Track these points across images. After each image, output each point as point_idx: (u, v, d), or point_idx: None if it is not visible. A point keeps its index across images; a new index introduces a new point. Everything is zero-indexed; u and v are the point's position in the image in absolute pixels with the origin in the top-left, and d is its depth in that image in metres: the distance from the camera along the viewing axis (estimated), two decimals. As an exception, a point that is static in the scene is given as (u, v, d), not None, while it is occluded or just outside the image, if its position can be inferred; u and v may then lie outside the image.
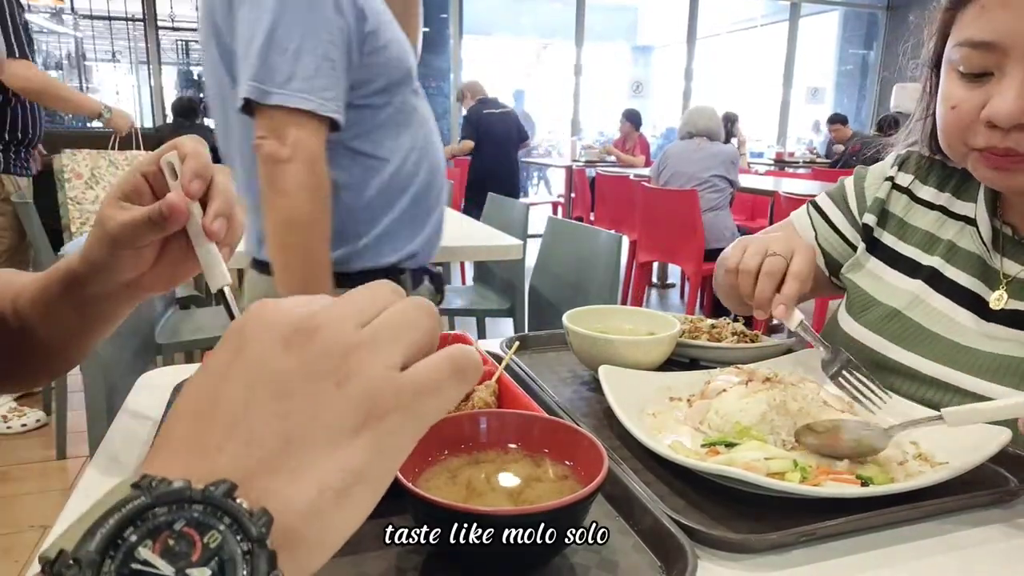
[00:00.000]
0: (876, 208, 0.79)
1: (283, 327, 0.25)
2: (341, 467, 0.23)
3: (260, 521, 0.21)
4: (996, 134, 0.57)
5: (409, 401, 0.25)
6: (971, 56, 0.58)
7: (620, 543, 0.43)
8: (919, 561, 0.44)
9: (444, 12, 7.25)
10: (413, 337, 0.26)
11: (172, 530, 0.20)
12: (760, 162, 6.72)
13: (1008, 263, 0.66)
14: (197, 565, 0.20)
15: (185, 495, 0.21)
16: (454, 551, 0.40)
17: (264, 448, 0.23)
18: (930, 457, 0.53)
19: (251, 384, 0.24)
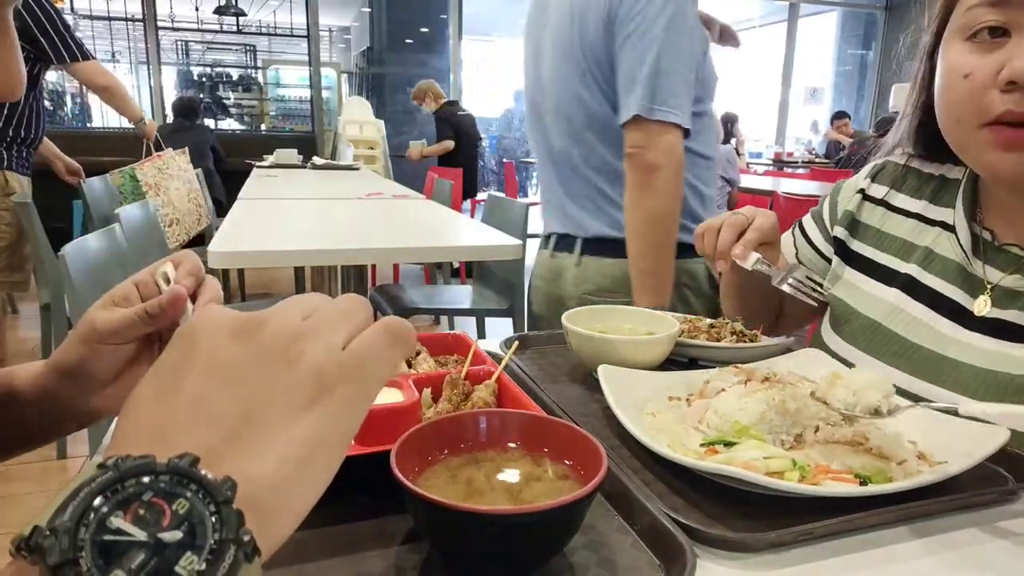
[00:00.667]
0: (846, 220, 0.80)
1: (231, 322, 0.28)
2: (299, 439, 0.25)
3: (225, 486, 0.22)
4: (1016, 97, 0.54)
5: (353, 371, 0.27)
6: (985, 15, 0.55)
7: (619, 542, 0.43)
8: (918, 560, 0.44)
9: (443, 13, 7.25)
10: (351, 322, 0.29)
11: (141, 500, 0.22)
12: (759, 162, 6.73)
13: (990, 270, 0.65)
14: (168, 529, 0.21)
15: (151, 467, 0.22)
16: (454, 550, 0.40)
17: (225, 427, 0.25)
18: (929, 457, 0.53)
19: (206, 372, 0.26)
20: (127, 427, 0.26)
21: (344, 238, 1.65)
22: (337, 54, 10.40)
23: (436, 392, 0.58)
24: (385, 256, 1.67)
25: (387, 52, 8.15)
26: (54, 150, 2.68)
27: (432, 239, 1.80)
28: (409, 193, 2.75)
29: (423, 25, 8.15)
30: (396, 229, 1.89)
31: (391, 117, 6.91)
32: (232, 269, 3.15)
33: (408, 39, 8.18)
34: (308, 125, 6.14)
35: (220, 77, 8.14)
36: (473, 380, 0.59)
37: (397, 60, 8.12)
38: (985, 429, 0.53)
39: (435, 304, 2.42)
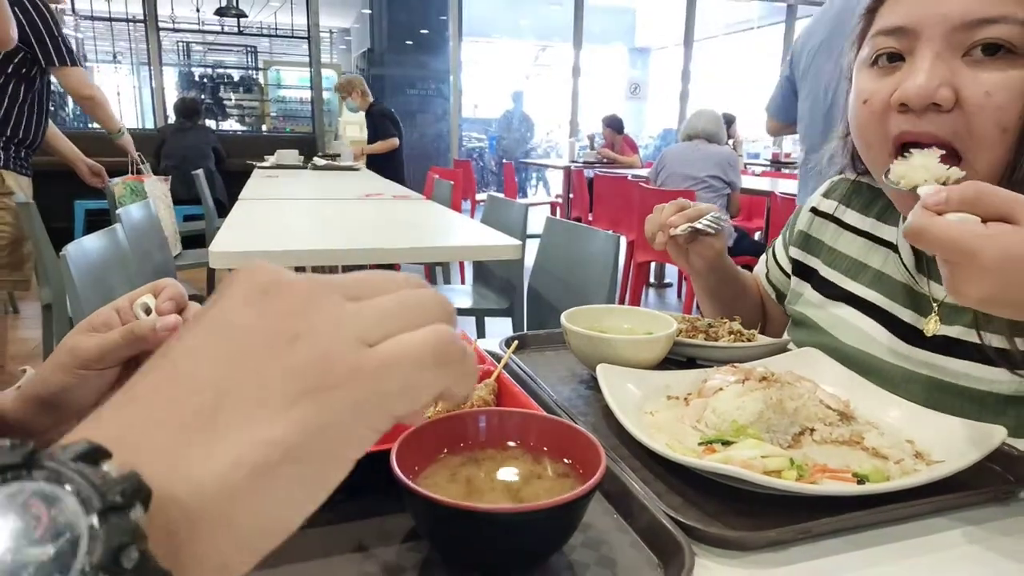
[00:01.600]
0: (799, 240, 0.83)
1: (255, 285, 0.22)
2: (262, 439, 0.19)
3: (118, 487, 0.17)
4: (910, 118, 0.55)
5: (369, 376, 0.21)
6: (885, 42, 0.57)
7: (618, 541, 0.44)
8: (915, 559, 0.44)
9: (443, 14, 7.26)
10: (407, 320, 0.22)
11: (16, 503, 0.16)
12: (756, 163, 6.72)
13: (935, 287, 0.65)
14: (38, 544, 0.16)
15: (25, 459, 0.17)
16: (454, 549, 0.40)
17: (188, 405, 0.20)
18: (926, 455, 0.53)
19: (205, 333, 0.21)
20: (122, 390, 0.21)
21: (344, 238, 1.65)
22: (338, 55, 10.41)
23: (436, 391, 0.58)
24: (385, 256, 1.67)
25: (387, 53, 8.15)
26: (77, 153, 2.66)
27: (432, 239, 1.80)
28: (409, 194, 2.75)
29: (423, 26, 8.16)
30: (396, 229, 1.89)
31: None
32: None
33: (408, 40, 8.18)
34: (309, 126, 6.14)
35: (221, 78, 8.14)
36: (473, 380, 0.59)
37: (397, 61, 8.12)
38: (982, 428, 0.53)
39: (435, 305, 2.41)
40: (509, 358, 0.63)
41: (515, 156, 8.92)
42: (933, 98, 0.53)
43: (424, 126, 8.13)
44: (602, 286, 1.55)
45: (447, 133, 7.29)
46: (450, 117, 7.03)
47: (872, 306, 0.71)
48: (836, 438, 0.53)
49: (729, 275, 0.85)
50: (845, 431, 0.54)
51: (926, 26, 0.54)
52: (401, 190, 2.89)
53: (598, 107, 7.72)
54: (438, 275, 3.33)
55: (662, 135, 10.13)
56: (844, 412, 0.57)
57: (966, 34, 0.53)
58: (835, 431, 0.54)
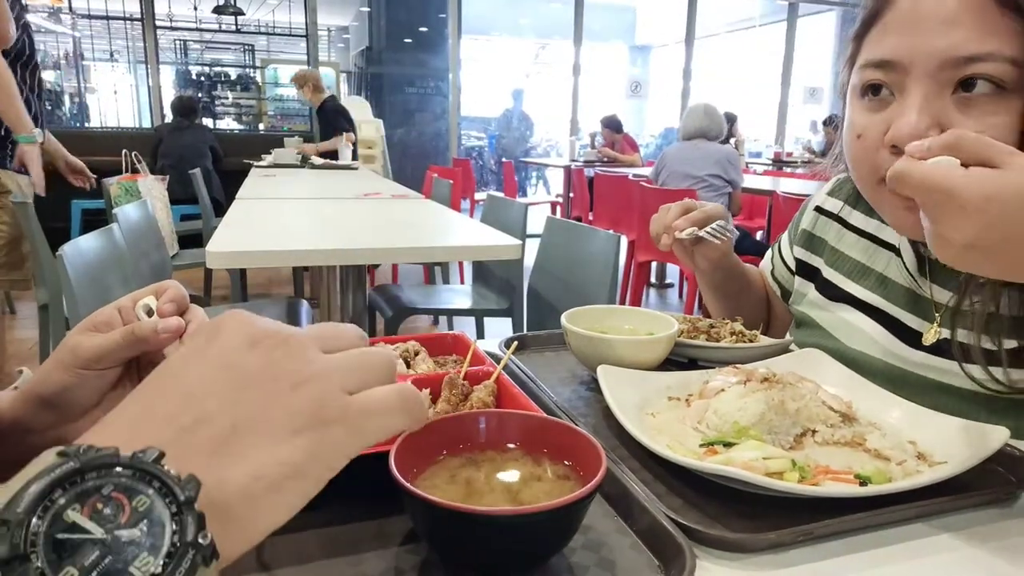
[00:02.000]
0: (802, 239, 0.82)
1: (252, 330, 0.28)
2: (279, 460, 0.25)
3: (188, 486, 0.22)
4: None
5: (354, 417, 0.27)
6: (874, 75, 0.56)
7: (618, 543, 0.43)
8: (918, 560, 0.44)
9: (443, 12, 7.25)
10: (370, 374, 0.29)
11: (101, 494, 0.21)
12: (758, 162, 6.73)
13: (937, 290, 0.65)
14: (126, 527, 0.21)
15: (113, 460, 0.21)
16: (453, 551, 0.40)
17: (211, 428, 0.25)
18: (928, 456, 0.53)
19: (213, 369, 0.26)
20: (119, 410, 0.26)
21: (343, 238, 1.65)
22: (336, 54, 10.40)
23: (435, 393, 0.57)
24: (384, 256, 1.66)
25: (386, 52, 8.14)
26: (60, 149, 2.60)
27: (431, 239, 1.80)
28: (408, 193, 2.74)
29: (422, 24, 8.15)
30: (395, 229, 1.89)
31: (390, 117, 6.90)
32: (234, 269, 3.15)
33: (407, 38, 8.17)
34: (306, 125, 6.14)
35: (218, 76, 8.13)
36: (472, 380, 0.59)
37: (396, 60, 8.11)
38: (985, 429, 0.53)
39: (434, 304, 2.41)
40: (509, 359, 0.63)
41: (515, 155, 8.92)
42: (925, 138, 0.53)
43: (423, 125, 8.12)
44: (603, 286, 1.55)
45: (446, 132, 7.29)
46: (449, 115, 7.02)
47: (875, 309, 0.70)
48: (838, 439, 0.53)
49: (735, 272, 0.85)
50: (847, 432, 0.54)
51: (914, 62, 0.53)
52: (400, 189, 2.88)
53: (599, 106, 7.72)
54: (437, 275, 3.33)
55: (663, 134, 10.14)
56: (846, 413, 0.57)
57: (953, 71, 0.52)
58: (837, 432, 0.54)
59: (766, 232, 3.72)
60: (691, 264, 0.81)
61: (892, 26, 0.55)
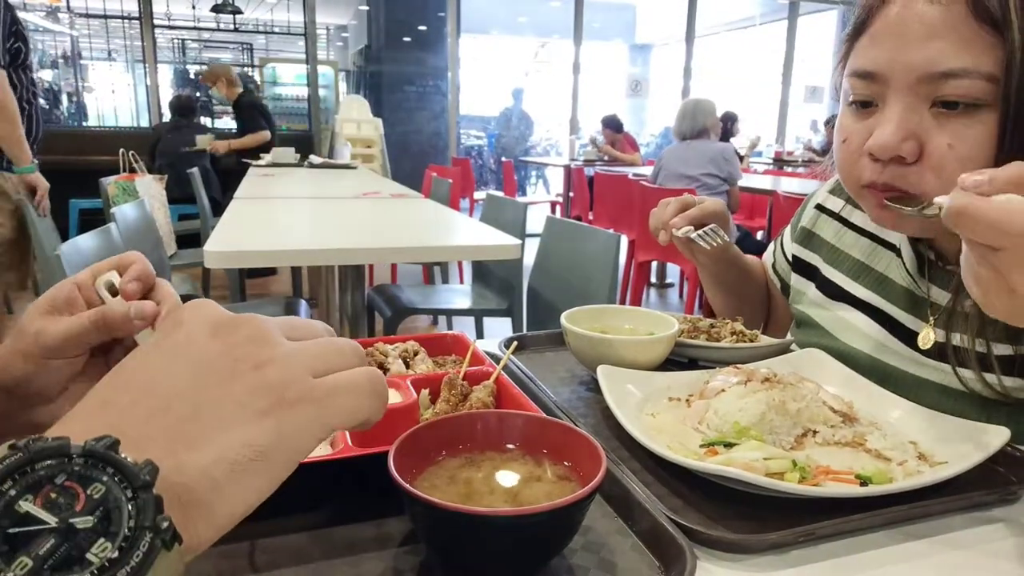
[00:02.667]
0: (801, 236, 0.82)
1: (215, 318, 0.28)
2: (243, 442, 0.25)
3: (145, 470, 0.22)
4: (877, 167, 0.56)
5: (321, 396, 0.27)
6: (857, 85, 0.57)
7: (619, 544, 0.43)
8: (918, 561, 0.44)
9: (442, 11, 7.24)
10: (336, 360, 0.28)
11: (53, 484, 0.21)
12: (759, 161, 6.73)
13: (936, 291, 0.65)
14: (81, 514, 0.20)
15: (64, 450, 0.21)
16: (452, 552, 0.40)
17: (171, 414, 0.24)
18: (929, 457, 0.53)
19: (174, 358, 0.26)
20: (79, 407, 0.26)
21: (341, 237, 1.65)
22: (335, 52, 10.39)
23: (434, 393, 0.57)
24: (383, 256, 1.66)
25: (385, 50, 8.13)
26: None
27: (430, 238, 1.79)
28: (407, 192, 2.74)
29: (421, 23, 8.14)
30: (394, 228, 1.89)
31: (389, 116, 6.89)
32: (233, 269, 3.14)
33: (406, 37, 8.16)
34: (305, 124, 6.13)
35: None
36: (471, 381, 0.58)
37: (395, 58, 8.10)
38: (985, 429, 0.52)
39: (433, 304, 2.41)
40: (508, 359, 0.63)
41: (514, 154, 8.91)
42: (897, 151, 0.54)
43: (422, 123, 8.11)
44: (603, 286, 1.54)
45: (445, 131, 7.29)
46: (448, 114, 7.02)
47: (874, 309, 0.70)
48: (839, 440, 0.53)
49: (736, 263, 0.85)
50: (848, 433, 0.54)
51: (893, 75, 0.54)
52: (399, 188, 2.88)
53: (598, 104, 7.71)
54: (436, 275, 3.33)
55: (663, 133, 10.14)
56: (847, 414, 0.57)
57: (931, 86, 0.53)
58: (838, 433, 0.54)
59: (767, 232, 3.72)
60: (692, 257, 0.82)
61: (877, 37, 0.56)
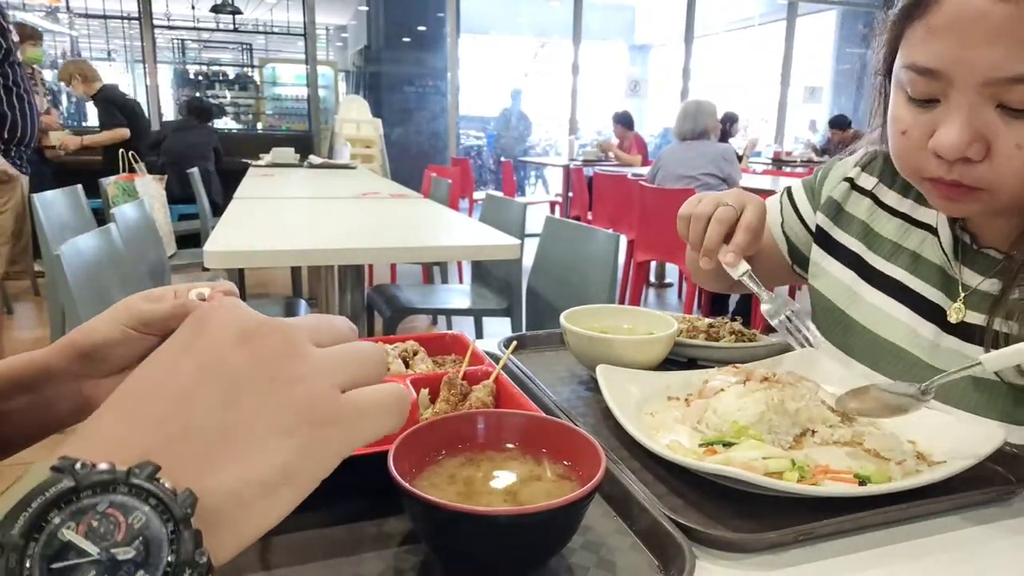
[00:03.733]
0: (829, 208, 0.79)
1: (242, 323, 0.27)
2: (270, 463, 0.25)
3: (185, 502, 0.22)
4: (943, 165, 0.56)
5: (348, 417, 0.27)
6: (917, 81, 0.56)
7: (618, 543, 0.43)
8: (917, 560, 0.44)
9: (441, 11, 7.24)
10: (362, 371, 0.28)
11: (96, 511, 0.21)
12: (758, 161, 6.73)
13: (967, 272, 0.65)
14: (122, 545, 0.20)
15: (109, 479, 0.21)
16: (452, 552, 0.40)
17: (201, 435, 0.24)
18: (928, 456, 0.53)
19: (201, 369, 0.26)
20: (108, 406, 0.25)
21: (341, 237, 1.65)
22: (334, 52, 10.39)
23: (434, 392, 0.57)
24: (382, 256, 1.66)
25: (384, 50, 8.13)
26: None
27: (430, 238, 1.79)
28: (407, 192, 2.74)
29: (420, 23, 8.14)
30: (393, 228, 1.89)
31: (388, 116, 6.89)
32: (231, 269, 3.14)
33: (405, 37, 8.16)
34: (305, 124, 6.13)
35: (216, 75, 8.12)
36: (471, 380, 0.59)
37: (395, 58, 8.10)
38: (983, 428, 0.53)
39: (433, 304, 2.41)
40: (508, 359, 0.63)
41: (513, 154, 8.91)
42: (964, 154, 0.54)
43: (421, 124, 8.11)
44: (602, 286, 1.54)
45: (445, 131, 7.28)
46: (448, 115, 7.02)
47: (903, 288, 0.70)
48: (837, 439, 0.53)
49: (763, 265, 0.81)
50: (846, 432, 0.54)
51: (958, 75, 0.53)
52: (399, 188, 2.88)
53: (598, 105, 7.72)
54: (436, 275, 3.33)
55: (662, 133, 10.14)
56: (845, 413, 0.57)
57: (996, 89, 0.52)
58: (836, 432, 0.54)
59: (765, 231, 3.72)
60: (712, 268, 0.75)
61: (937, 31, 0.54)
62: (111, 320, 0.46)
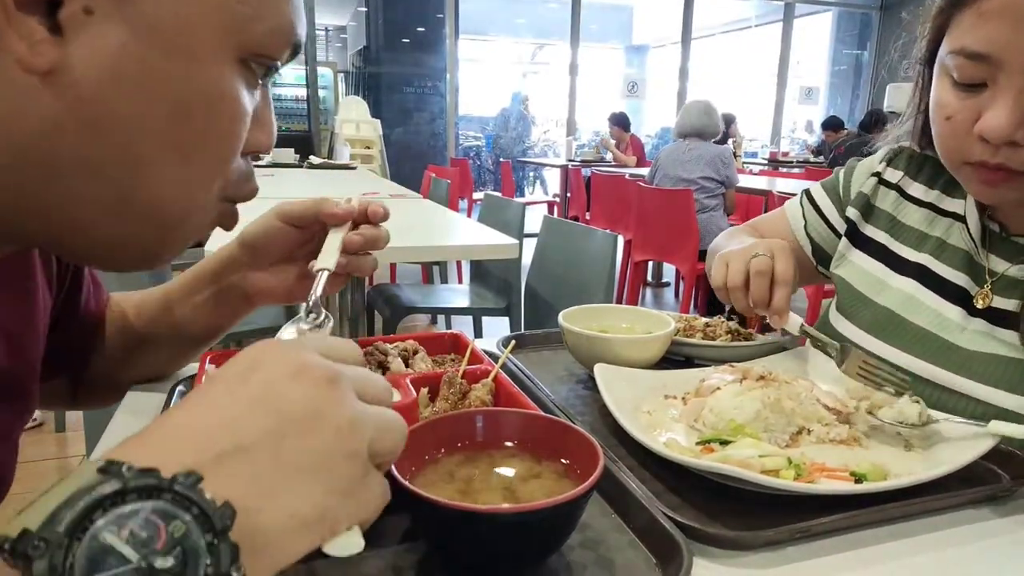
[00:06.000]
0: (860, 203, 0.80)
1: (297, 362, 0.28)
2: (313, 503, 0.26)
3: (225, 514, 0.22)
4: (988, 149, 0.56)
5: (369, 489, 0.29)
6: (965, 66, 0.56)
7: (616, 541, 0.44)
8: (913, 558, 0.44)
9: (440, 12, 7.24)
10: (390, 441, 0.30)
11: (138, 517, 0.21)
12: (754, 162, 6.74)
13: (995, 260, 0.66)
14: (161, 553, 0.21)
15: (154, 485, 0.21)
16: (451, 549, 0.40)
17: (251, 459, 0.25)
18: (924, 454, 0.53)
19: (255, 399, 0.26)
20: (164, 419, 0.26)
21: (340, 237, 1.64)
22: (333, 53, 10.38)
23: (433, 391, 0.58)
24: (382, 255, 1.66)
25: (384, 51, 8.13)
26: None
27: (429, 238, 1.80)
28: (406, 192, 2.74)
29: (419, 24, 8.14)
30: (393, 228, 1.89)
31: (388, 117, 6.89)
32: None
33: (404, 38, 8.16)
34: (304, 124, 6.12)
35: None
36: (470, 379, 0.59)
37: (394, 59, 8.10)
38: (980, 428, 0.53)
39: (432, 303, 2.41)
40: (507, 358, 0.63)
41: (512, 155, 8.91)
42: (1012, 138, 0.54)
43: (421, 124, 8.11)
44: (600, 285, 1.55)
45: (444, 131, 7.29)
46: (447, 115, 7.02)
47: (932, 275, 0.70)
48: (833, 438, 0.54)
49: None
50: (842, 430, 0.54)
51: (1009, 58, 0.53)
52: (398, 189, 2.88)
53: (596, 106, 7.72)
54: (435, 274, 3.33)
55: (660, 134, 10.15)
56: (841, 411, 0.57)
57: None
58: (832, 431, 0.54)
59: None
60: None
61: (989, 16, 0.54)
62: (265, 217, 0.60)
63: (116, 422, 0.62)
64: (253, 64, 0.38)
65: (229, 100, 0.37)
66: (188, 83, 0.35)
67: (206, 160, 0.38)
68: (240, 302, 0.62)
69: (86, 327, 0.61)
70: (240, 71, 0.37)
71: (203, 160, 0.38)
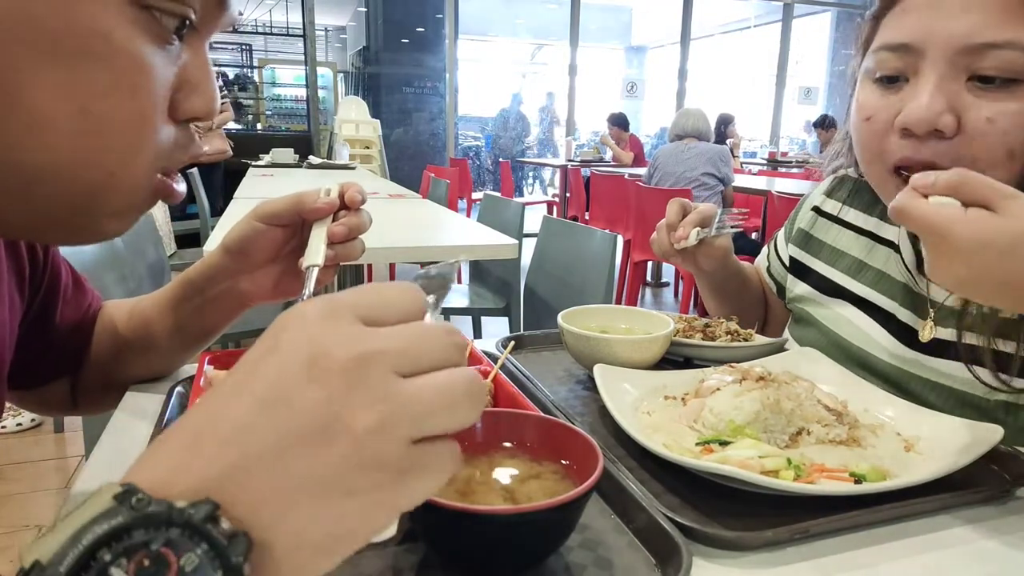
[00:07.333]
0: (798, 238, 0.82)
1: (318, 349, 0.24)
2: (331, 515, 0.23)
3: (238, 548, 0.21)
4: (912, 144, 0.55)
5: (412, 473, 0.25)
6: (887, 59, 0.56)
7: (615, 541, 0.44)
8: (913, 558, 0.44)
9: (439, 12, 7.24)
10: (447, 422, 0.25)
11: (148, 549, 0.20)
12: (753, 162, 6.74)
13: (934, 288, 0.65)
14: None
15: (165, 517, 0.21)
16: (450, 550, 0.40)
17: (260, 474, 0.23)
18: (924, 455, 0.53)
19: (264, 401, 0.23)
20: (176, 425, 0.24)
21: (340, 238, 1.64)
22: (333, 53, 10.39)
23: (432, 392, 0.57)
24: (381, 256, 1.66)
25: (383, 52, 8.13)
26: None
27: (428, 238, 1.80)
28: (405, 192, 2.74)
29: (419, 24, 8.14)
30: (392, 228, 1.89)
31: (387, 117, 6.89)
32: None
33: (404, 39, 8.17)
34: (304, 124, 6.12)
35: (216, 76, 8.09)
36: (469, 380, 0.59)
37: (393, 60, 8.10)
38: (980, 427, 0.53)
39: (431, 304, 2.41)
40: (506, 358, 0.63)
41: (511, 155, 8.91)
42: (935, 125, 0.53)
43: (420, 124, 8.11)
44: (599, 286, 1.55)
45: (443, 131, 7.29)
46: (446, 115, 7.02)
47: (872, 306, 0.70)
48: (833, 438, 0.54)
49: (735, 271, 0.85)
50: (842, 431, 0.54)
51: (930, 45, 0.53)
52: (397, 189, 2.88)
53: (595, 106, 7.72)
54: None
55: (659, 134, 10.15)
56: (841, 412, 0.57)
57: (970, 58, 0.51)
58: (832, 431, 0.54)
59: (761, 232, 3.73)
60: (695, 268, 0.80)
61: (911, 8, 0.55)
62: (244, 219, 0.58)
63: (115, 422, 0.62)
64: (158, 14, 0.32)
65: (119, 47, 0.31)
66: (57, 17, 0.29)
67: (112, 121, 0.32)
68: (233, 305, 0.62)
69: (66, 333, 0.60)
70: (138, 18, 0.32)
71: (107, 120, 0.32)
